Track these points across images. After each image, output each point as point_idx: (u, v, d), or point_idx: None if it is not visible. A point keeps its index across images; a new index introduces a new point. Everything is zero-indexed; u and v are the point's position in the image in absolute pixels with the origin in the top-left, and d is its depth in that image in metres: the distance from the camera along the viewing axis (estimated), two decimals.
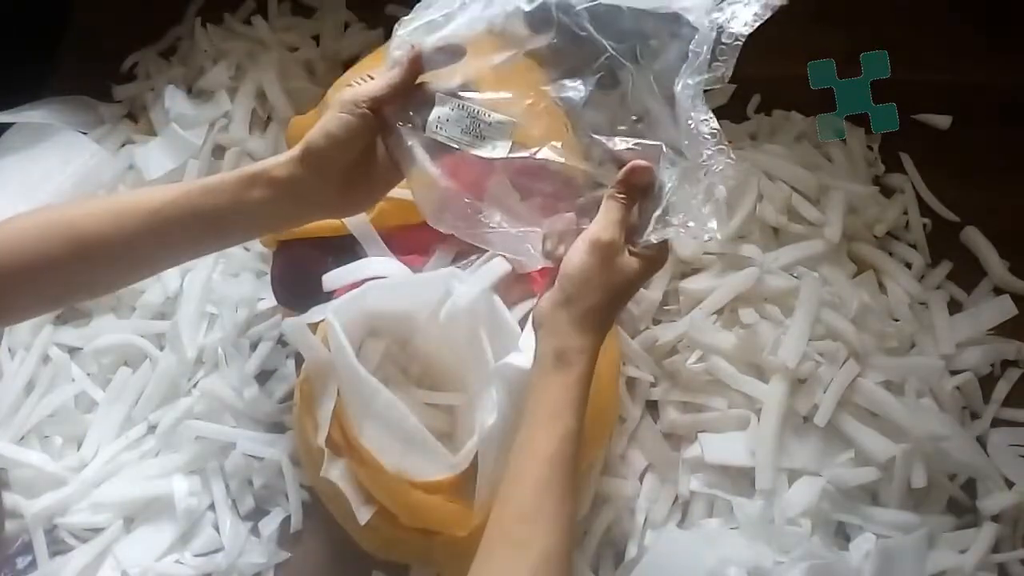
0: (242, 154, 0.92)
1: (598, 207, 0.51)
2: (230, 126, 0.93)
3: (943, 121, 0.90)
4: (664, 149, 0.50)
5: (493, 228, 0.55)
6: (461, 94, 0.53)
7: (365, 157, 0.53)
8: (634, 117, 0.52)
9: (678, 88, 0.49)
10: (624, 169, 0.50)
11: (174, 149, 0.92)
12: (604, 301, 0.50)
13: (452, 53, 0.53)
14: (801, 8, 0.95)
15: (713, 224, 0.49)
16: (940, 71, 0.91)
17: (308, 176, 0.51)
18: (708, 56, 0.49)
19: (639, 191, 0.51)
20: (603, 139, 0.52)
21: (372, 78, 0.54)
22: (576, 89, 0.53)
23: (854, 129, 0.88)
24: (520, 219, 0.54)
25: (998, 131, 0.90)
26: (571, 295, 0.49)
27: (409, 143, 0.53)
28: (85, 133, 0.94)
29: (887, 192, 0.87)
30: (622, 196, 0.50)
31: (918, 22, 0.95)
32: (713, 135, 0.49)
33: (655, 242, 0.50)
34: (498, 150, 0.52)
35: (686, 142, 0.50)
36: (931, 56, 0.90)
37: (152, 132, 0.95)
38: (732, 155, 0.49)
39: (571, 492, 0.48)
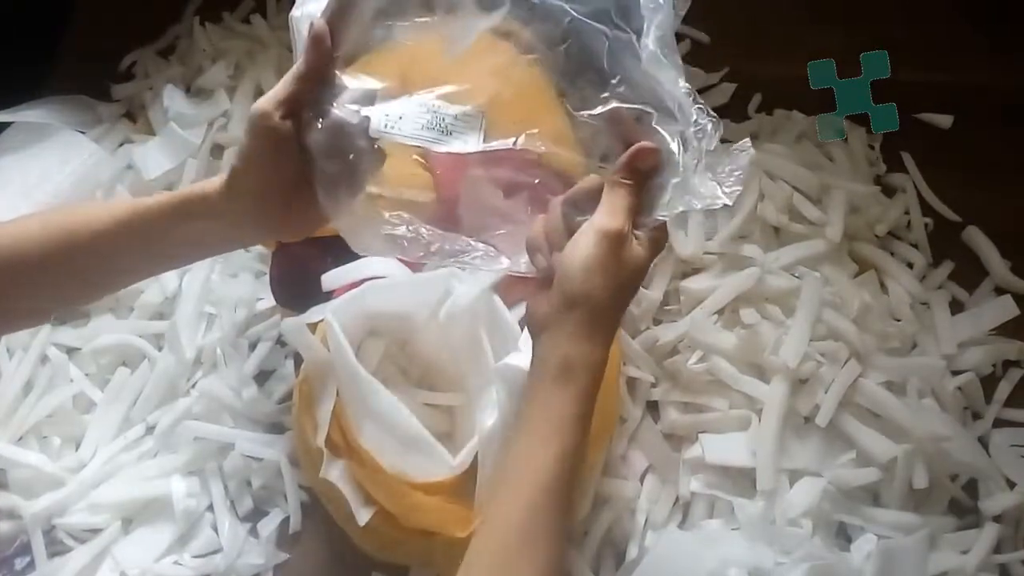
0: None
1: (589, 196, 0.47)
2: (229, 125, 0.93)
3: (945, 121, 0.90)
4: (655, 117, 0.46)
5: (453, 246, 0.49)
6: (415, 94, 0.46)
7: (302, 179, 0.47)
8: (614, 82, 0.46)
9: (650, 43, 0.45)
10: (628, 152, 0.46)
11: (173, 148, 0.91)
12: (613, 299, 0.45)
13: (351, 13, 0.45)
14: (801, 8, 0.96)
15: (720, 191, 0.45)
16: (940, 71, 0.91)
17: (241, 203, 0.47)
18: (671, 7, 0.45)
19: (644, 174, 0.46)
20: (585, 114, 0.47)
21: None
22: (541, 63, 0.47)
23: (855, 128, 0.88)
24: (502, 219, 0.49)
25: (1000, 131, 0.89)
26: (575, 295, 0.45)
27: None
28: (83, 132, 0.94)
29: (888, 192, 0.87)
30: (628, 181, 0.46)
31: (918, 22, 0.95)
32: (688, 93, 0.45)
33: (662, 221, 0.46)
34: (470, 144, 0.46)
35: (678, 103, 0.45)
36: (931, 56, 0.90)
37: (151, 131, 0.95)
38: (712, 112, 0.45)
39: (566, 513, 0.45)
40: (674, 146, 0.45)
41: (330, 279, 0.67)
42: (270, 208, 0.47)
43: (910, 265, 0.83)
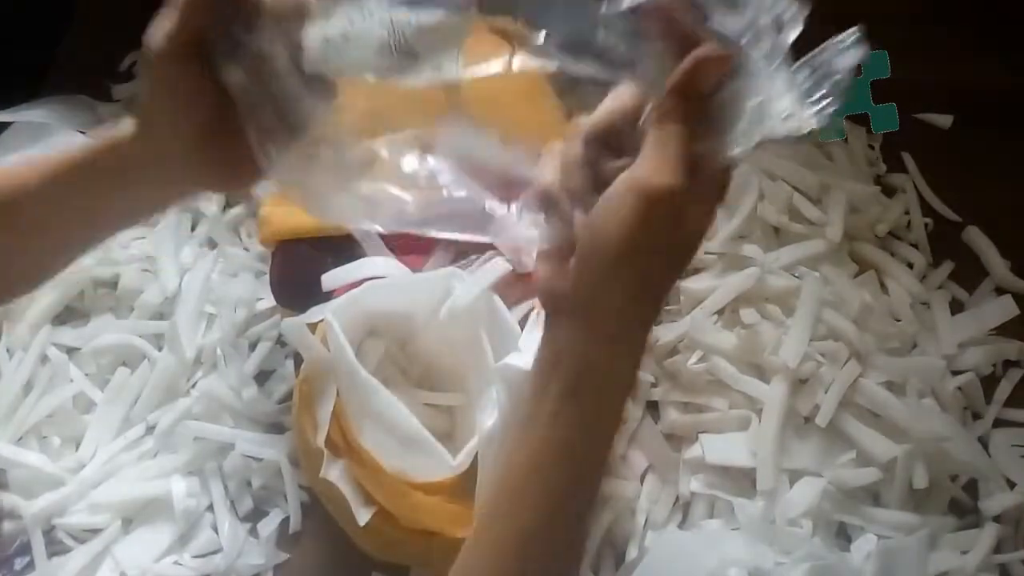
0: None
1: (623, 125, 0.33)
2: None
3: (945, 120, 0.90)
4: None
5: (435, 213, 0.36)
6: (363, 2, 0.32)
7: (227, 115, 0.36)
8: None
9: None
10: (683, 67, 0.31)
11: None
12: (657, 282, 0.33)
13: None
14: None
15: (806, 110, 0.32)
16: (940, 71, 0.91)
17: (157, 153, 0.38)
18: None
19: (706, 96, 0.32)
20: (607, 9, 0.31)
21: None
22: None
23: (855, 128, 0.88)
24: (493, 176, 0.36)
25: (1000, 131, 0.89)
26: (609, 281, 0.32)
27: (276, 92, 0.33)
28: (83, 132, 0.94)
29: (889, 192, 0.87)
30: (685, 112, 0.31)
31: (918, 22, 0.95)
32: None
33: (731, 161, 0.32)
34: (446, 69, 0.32)
35: None
36: (931, 56, 0.90)
37: None
38: None
39: (576, 534, 0.38)
40: (749, 48, 0.31)
41: (330, 279, 0.67)
42: (195, 156, 0.38)
43: (910, 265, 0.83)
